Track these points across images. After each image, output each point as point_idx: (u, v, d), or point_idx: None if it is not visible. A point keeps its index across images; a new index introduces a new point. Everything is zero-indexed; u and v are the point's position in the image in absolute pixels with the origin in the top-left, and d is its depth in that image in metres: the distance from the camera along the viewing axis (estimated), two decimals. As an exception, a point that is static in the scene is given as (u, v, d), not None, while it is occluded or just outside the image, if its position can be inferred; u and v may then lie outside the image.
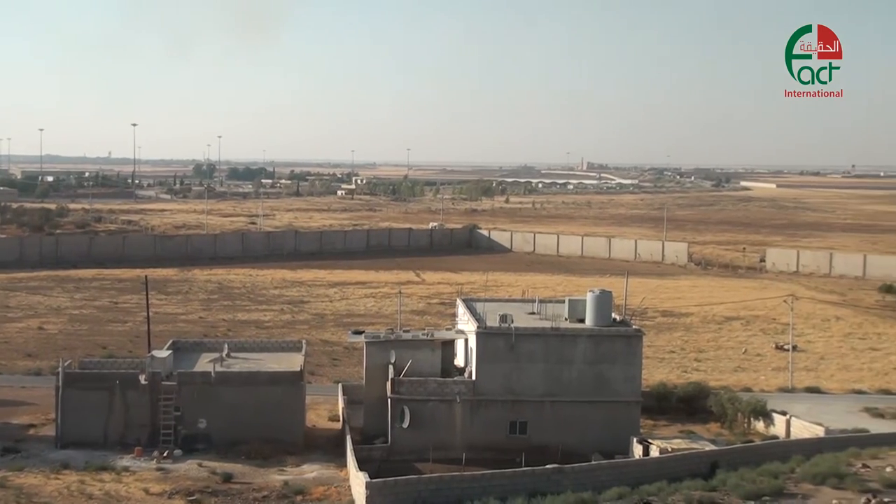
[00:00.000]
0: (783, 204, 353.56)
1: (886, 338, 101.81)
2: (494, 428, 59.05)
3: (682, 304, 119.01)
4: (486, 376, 59.33)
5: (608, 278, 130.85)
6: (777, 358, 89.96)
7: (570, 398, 59.66)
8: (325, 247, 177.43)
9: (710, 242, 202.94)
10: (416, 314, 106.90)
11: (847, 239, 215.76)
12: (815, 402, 72.67)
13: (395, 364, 60.28)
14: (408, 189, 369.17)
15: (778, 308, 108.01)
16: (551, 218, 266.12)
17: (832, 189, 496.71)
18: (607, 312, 62.01)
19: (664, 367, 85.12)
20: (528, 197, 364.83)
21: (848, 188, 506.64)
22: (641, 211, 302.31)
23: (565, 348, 59.86)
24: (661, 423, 66.15)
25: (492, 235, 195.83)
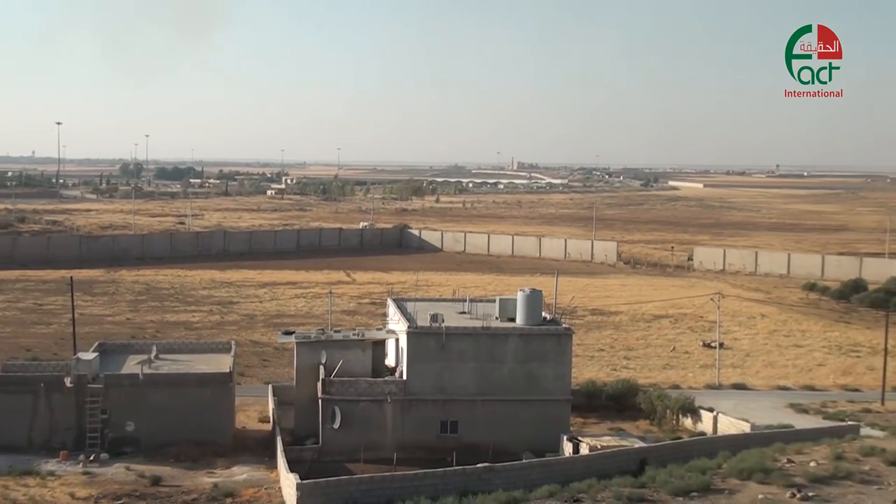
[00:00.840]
0: (710, 203, 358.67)
1: (810, 335, 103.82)
2: (425, 427, 59.06)
3: (611, 302, 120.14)
4: (417, 376, 59.32)
5: (538, 277, 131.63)
6: (704, 355, 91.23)
7: (501, 397, 59.88)
8: (254, 247, 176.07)
9: (638, 241, 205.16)
10: (346, 314, 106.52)
11: (772, 238, 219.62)
12: (741, 399, 73.88)
13: (326, 364, 59.99)
14: (338, 189, 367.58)
15: (705, 306, 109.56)
16: (482, 217, 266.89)
17: (757, 189, 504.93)
18: (537, 311, 62.33)
19: (594, 365, 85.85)
20: (459, 196, 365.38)
21: (772, 188, 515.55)
22: (571, 210, 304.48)
23: (496, 347, 60.07)
24: (590, 420, 66.71)
25: (422, 235, 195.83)
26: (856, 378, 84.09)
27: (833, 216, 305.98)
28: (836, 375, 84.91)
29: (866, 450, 49.49)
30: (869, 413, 70.93)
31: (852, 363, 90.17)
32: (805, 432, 57.04)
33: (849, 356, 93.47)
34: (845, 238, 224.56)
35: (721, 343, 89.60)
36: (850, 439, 53.15)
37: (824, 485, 44.93)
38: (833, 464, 47.53)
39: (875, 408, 72.92)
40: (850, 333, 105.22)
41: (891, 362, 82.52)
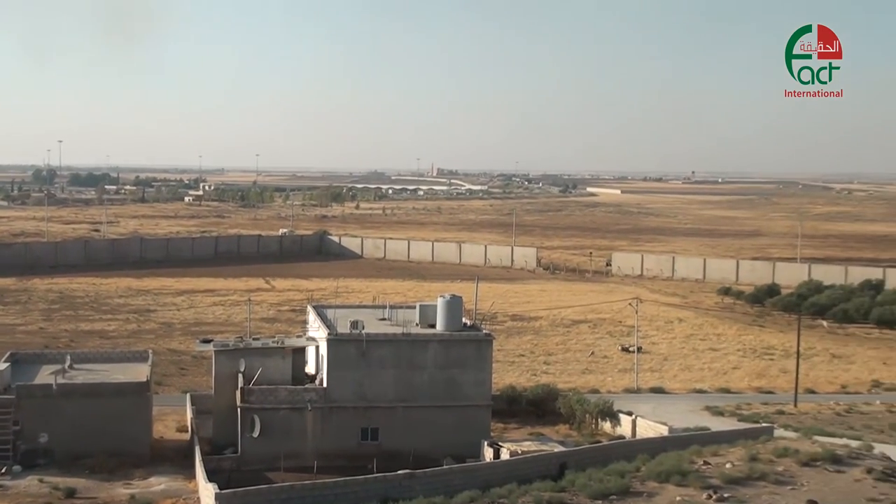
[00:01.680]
0: (628, 209, 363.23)
1: (725, 338, 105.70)
2: (346, 435, 58.82)
3: (531, 308, 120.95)
4: (338, 383, 59.06)
5: (458, 283, 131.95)
6: (623, 359, 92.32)
7: (422, 403, 59.88)
8: (172, 254, 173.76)
9: (558, 247, 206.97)
10: (266, 322, 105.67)
11: (688, 243, 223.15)
12: (659, 402, 74.90)
13: (245, 373, 59.42)
14: (257, 195, 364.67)
15: (624, 311, 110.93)
16: (402, 224, 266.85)
17: (674, 195, 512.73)
18: (458, 317, 62.46)
19: (514, 370, 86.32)
20: (379, 203, 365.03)
21: (688, 194, 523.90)
22: (491, 216, 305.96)
23: (416, 354, 60.07)
24: (511, 425, 67.02)
25: (342, 242, 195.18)
26: (769, 380, 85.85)
27: (747, 221, 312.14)
28: (751, 378, 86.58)
29: (780, 451, 50.49)
30: (782, 415, 72.48)
31: (766, 366, 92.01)
32: (721, 434, 57.99)
33: (763, 359, 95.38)
34: (759, 243, 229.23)
35: (639, 347, 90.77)
36: (765, 441, 54.16)
37: (739, 486, 45.77)
38: (748, 465, 48.43)
39: (788, 409, 74.51)
40: (764, 337, 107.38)
41: (803, 365, 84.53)
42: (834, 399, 79.38)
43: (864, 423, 71.22)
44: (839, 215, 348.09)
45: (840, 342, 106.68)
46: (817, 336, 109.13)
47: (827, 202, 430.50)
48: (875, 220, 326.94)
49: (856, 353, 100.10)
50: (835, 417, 72.99)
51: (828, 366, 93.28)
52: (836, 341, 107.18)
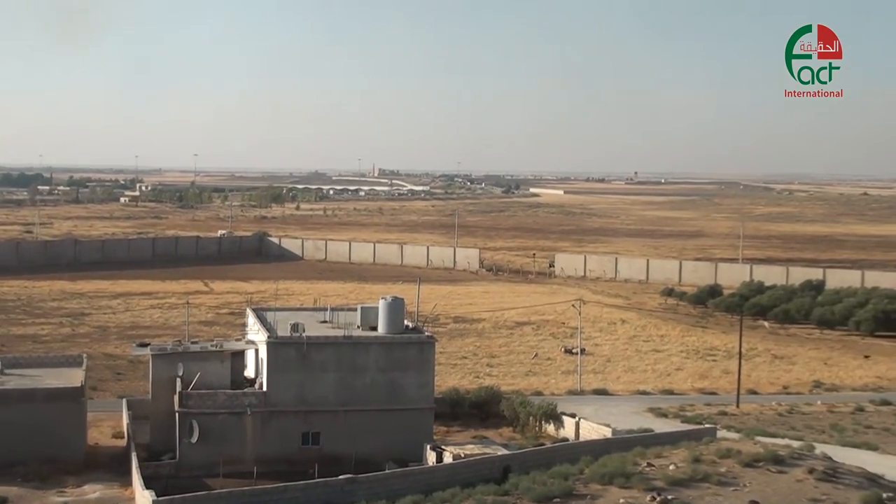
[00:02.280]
0: (571, 210, 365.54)
1: (668, 339, 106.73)
2: (286, 440, 58.43)
3: (473, 309, 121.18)
4: (278, 387, 58.68)
5: (400, 285, 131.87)
6: (566, 361, 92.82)
7: (364, 407, 59.69)
8: (107, 256, 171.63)
9: (500, 248, 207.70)
10: (204, 325, 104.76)
11: (631, 244, 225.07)
12: (602, 404, 75.37)
13: (183, 377, 58.84)
14: (195, 196, 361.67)
15: (567, 312, 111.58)
16: (343, 225, 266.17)
17: (617, 195, 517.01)
18: (399, 319, 62.35)
19: (457, 372, 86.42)
20: (320, 204, 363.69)
21: (631, 195, 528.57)
22: (433, 217, 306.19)
23: (358, 356, 59.87)
24: (454, 429, 67.06)
25: (282, 243, 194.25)
26: (712, 382, 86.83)
27: (689, 222, 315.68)
28: (694, 379, 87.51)
29: (723, 452, 51.01)
30: (725, 416, 73.33)
31: (709, 367, 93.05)
32: (664, 436, 58.46)
33: (705, 360, 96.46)
34: (701, 244, 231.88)
35: (582, 349, 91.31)
36: (708, 442, 54.68)
37: (683, 487, 46.16)
38: (691, 466, 48.86)
39: (731, 410, 75.39)
40: (707, 338, 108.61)
41: (745, 366, 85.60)
42: (776, 400, 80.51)
43: (806, 423, 72.32)
44: (780, 216, 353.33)
45: (781, 343, 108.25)
46: (759, 337, 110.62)
47: (768, 203, 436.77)
48: (815, 221, 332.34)
49: (797, 353, 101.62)
50: (776, 418, 74.01)
51: (769, 366, 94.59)
52: (778, 342, 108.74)
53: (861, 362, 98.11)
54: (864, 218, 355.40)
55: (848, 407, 78.06)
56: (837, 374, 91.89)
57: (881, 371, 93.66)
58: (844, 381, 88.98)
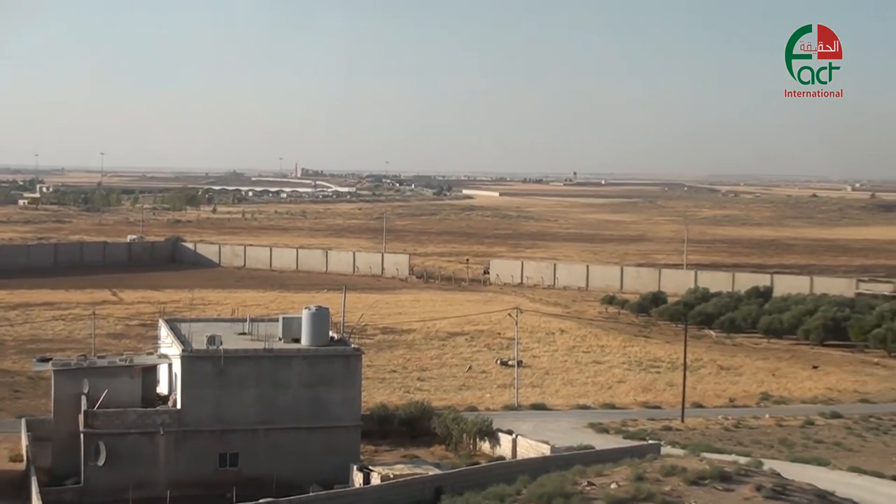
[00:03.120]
0: (506, 213, 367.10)
1: (609, 350, 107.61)
2: (202, 461, 57.88)
3: (403, 319, 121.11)
4: (193, 404, 58.09)
5: (325, 294, 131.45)
6: (502, 374, 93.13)
7: (286, 425, 59.35)
8: (4, 263, 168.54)
9: (432, 254, 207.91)
10: (112, 338, 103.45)
11: (570, 249, 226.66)
12: (540, 420, 75.74)
13: (89, 395, 58.00)
14: (102, 198, 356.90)
15: (503, 322, 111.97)
16: (263, 229, 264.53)
17: (555, 197, 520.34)
18: (324, 331, 62.13)
19: (385, 387, 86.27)
20: (238, 206, 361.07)
21: (570, 196, 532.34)
22: (360, 221, 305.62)
23: (279, 371, 59.53)
24: (382, 448, 66.93)
25: (198, 249, 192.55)
26: (656, 395, 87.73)
27: (631, 226, 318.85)
28: (637, 392, 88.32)
29: (667, 469, 51.43)
30: (669, 431, 74.15)
31: (652, 379, 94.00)
32: (605, 453, 58.85)
33: (648, 372, 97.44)
34: (644, 248, 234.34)
35: (519, 361, 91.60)
36: (651, 459, 55.11)
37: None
38: (634, 485, 49.20)
39: (675, 425, 76.23)
40: (650, 348, 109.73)
41: (690, 377, 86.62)
42: (722, 413, 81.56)
43: (753, 438, 73.40)
44: (726, 219, 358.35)
45: (728, 353, 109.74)
46: (704, 347, 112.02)
47: (713, 205, 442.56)
48: (762, 224, 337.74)
49: (744, 364, 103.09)
50: (723, 433, 75.02)
51: (715, 378, 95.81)
52: (724, 352, 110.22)
53: (810, 373, 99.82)
54: (813, 221, 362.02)
55: (797, 420, 79.41)
56: (786, 385, 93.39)
57: (831, 382, 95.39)
58: (793, 393, 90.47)
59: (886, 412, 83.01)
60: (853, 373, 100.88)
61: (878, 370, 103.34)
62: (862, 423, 78.85)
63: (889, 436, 75.85)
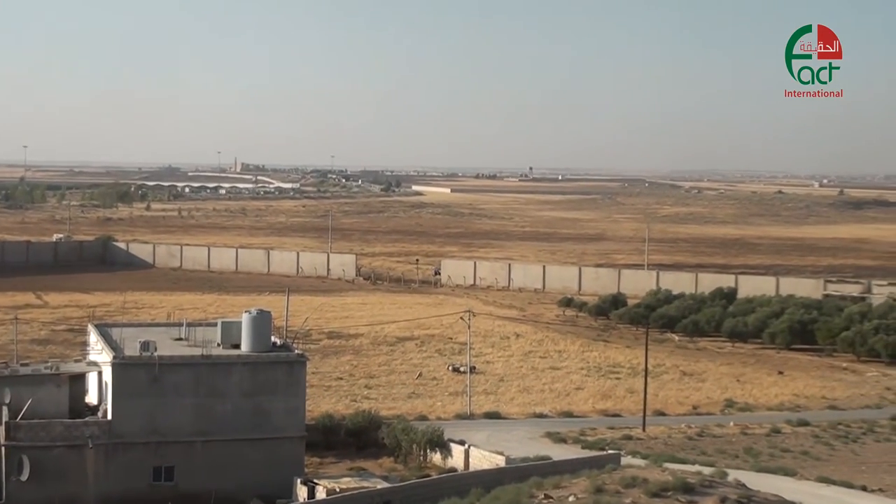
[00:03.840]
0: (458, 210, 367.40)
1: (567, 356, 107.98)
2: (135, 475, 57.46)
3: (350, 323, 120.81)
4: (125, 415, 57.65)
5: (267, 296, 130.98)
6: (454, 381, 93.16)
7: (225, 436, 59.08)
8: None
9: (380, 254, 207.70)
10: (37, 344, 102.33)
11: (525, 248, 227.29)
12: (495, 429, 75.83)
13: (11, 405, 57.41)
14: (25, 194, 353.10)
15: (455, 326, 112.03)
16: (201, 228, 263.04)
17: (510, 194, 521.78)
18: (266, 336, 61.93)
19: (331, 396, 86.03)
20: (174, 203, 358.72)
21: (526, 193, 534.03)
22: (304, 219, 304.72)
23: (218, 379, 59.25)
24: (328, 460, 66.79)
25: (130, 249, 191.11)
26: (616, 402, 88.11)
27: (590, 224, 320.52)
28: (596, 400, 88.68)
29: (627, 481, 51.66)
30: (630, 440, 74.55)
31: (612, 386, 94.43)
32: (563, 464, 59.05)
33: (608, 378, 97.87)
34: (603, 248, 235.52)
35: (472, 367, 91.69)
36: (611, 470, 55.32)
37: (584, 521, 46.63)
38: (593, 497, 49.38)
39: (636, 434, 76.65)
40: (610, 353, 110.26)
41: (651, 384, 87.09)
42: (685, 421, 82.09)
43: (718, 447, 73.95)
44: (688, 217, 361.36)
45: (691, 358, 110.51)
46: (667, 351, 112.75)
47: (675, 202, 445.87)
48: (726, 223, 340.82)
49: (707, 369, 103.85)
50: (686, 442, 75.53)
51: (678, 384, 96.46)
52: (687, 357, 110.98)
53: (776, 379, 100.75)
54: (779, 219, 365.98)
55: (763, 428, 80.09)
56: (751, 391, 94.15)
57: (798, 388, 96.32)
58: (759, 399, 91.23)
59: (855, 419, 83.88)
60: (821, 378, 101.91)
61: (847, 375, 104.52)
62: (830, 431, 79.66)
63: (858, 444, 76.74)
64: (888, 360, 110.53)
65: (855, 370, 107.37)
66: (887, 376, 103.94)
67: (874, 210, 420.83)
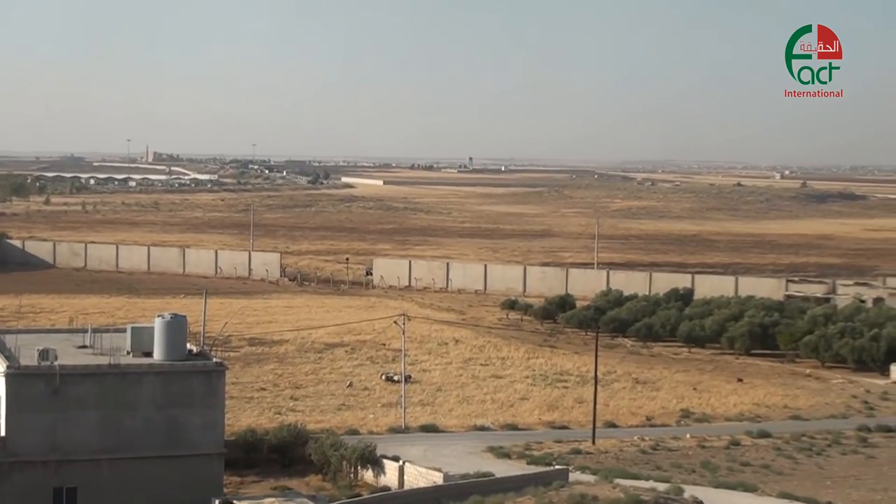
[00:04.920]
0: (392, 204, 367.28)
1: (511, 363, 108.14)
2: (33, 497, 56.69)
3: (274, 328, 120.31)
4: (21, 431, 56.89)
5: (182, 299, 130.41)
6: (388, 391, 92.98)
7: (135, 453, 58.40)
8: None
9: (307, 252, 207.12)
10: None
11: (465, 246, 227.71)
12: (432, 443, 75.72)
13: None
14: None
15: (388, 331, 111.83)
16: (108, 224, 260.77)
17: (448, 186, 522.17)
18: (181, 343, 61.37)
19: (253, 408, 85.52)
20: (77, 197, 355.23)
21: (466, 185, 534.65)
22: (223, 214, 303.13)
23: (127, 390, 58.54)
24: (249, 479, 66.28)
25: (27, 247, 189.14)
26: (563, 413, 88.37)
27: (535, 219, 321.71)
28: (542, 411, 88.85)
29: (576, 498, 51.95)
30: (579, 454, 74.75)
31: (559, 395, 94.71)
32: (507, 481, 59.14)
33: (555, 387, 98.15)
34: (550, 245, 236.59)
35: (407, 376, 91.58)
36: (558, 487, 55.55)
37: (529, 543, 46.76)
38: (539, 517, 49.57)
39: (585, 448, 76.86)
40: (557, 360, 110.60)
41: (602, 393, 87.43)
42: (638, 433, 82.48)
43: (673, 461, 74.37)
44: (641, 211, 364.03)
45: (644, 364, 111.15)
46: (618, 358, 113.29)
47: (627, 195, 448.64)
48: (682, 218, 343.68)
49: (662, 377, 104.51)
50: (639, 455, 75.86)
51: (630, 393, 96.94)
52: (640, 363, 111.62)
53: (735, 387, 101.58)
54: (738, 213, 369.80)
55: (721, 441, 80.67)
56: (709, 401, 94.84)
57: (758, 397, 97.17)
58: (716, 409, 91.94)
59: (820, 430, 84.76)
60: (783, 386, 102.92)
61: (811, 383, 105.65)
62: (793, 443, 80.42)
63: (823, 457, 77.54)
64: (854, 366, 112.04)
65: (819, 377, 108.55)
66: (853, 383, 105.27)
67: (839, 203, 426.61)
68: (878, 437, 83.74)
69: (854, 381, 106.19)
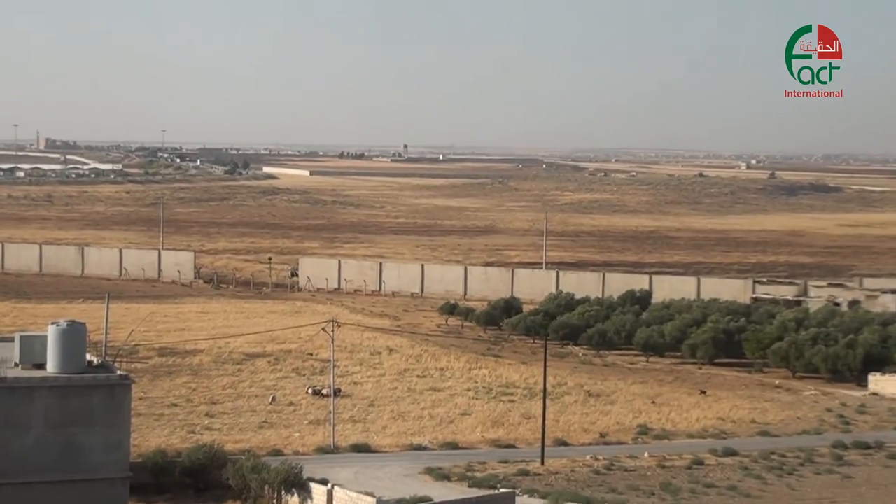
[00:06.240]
0: (319, 197, 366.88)
1: (451, 374, 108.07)
2: None
3: (187, 337, 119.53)
4: None
5: (81, 304, 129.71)
6: (315, 407, 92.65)
7: (26, 478, 57.90)
8: None
9: (224, 251, 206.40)
10: None
11: (400, 244, 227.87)
12: (364, 465, 75.54)
13: None
14: None
15: (315, 339, 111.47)
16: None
17: (381, 177, 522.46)
18: (79, 353, 60.87)
19: (163, 427, 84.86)
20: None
21: (400, 176, 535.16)
22: (128, 208, 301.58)
23: (16, 407, 57.97)
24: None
25: None
26: (509, 430, 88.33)
27: (478, 214, 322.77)
28: (485, 427, 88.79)
29: (524, 525, 51.96)
30: (526, 476, 74.69)
31: (505, 410, 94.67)
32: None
33: (500, 401, 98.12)
34: (494, 242, 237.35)
35: (337, 390, 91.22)
36: (504, 512, 55.60)
37: (472, 577, 46.66)
38: (482, 547, 49.51)
39: (534, 468, 76.85)
40: (502, 370, 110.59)
41: (551, 407, 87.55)
42: (591, 452, 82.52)
43: (630, 482, 74.52)
44: (593, 205, 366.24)
45: (598, 375, 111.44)
46: (569, 368, 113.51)
47: (578, 187, 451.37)
48: (638, 212, 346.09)
49: (617, 389, 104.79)
50: (592, 477, 75.91)
51: (583, 408, 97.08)
52: (593, 374, 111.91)
53: (698, 399, 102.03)
54: (700, 207, 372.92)
55: (683, 459, 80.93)
56: (668, 415, 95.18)
57: (723, 410, 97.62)
58: (678, 424, 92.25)
59: (791, 447, 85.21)
60: (750, 398, 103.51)
61: (780, 395, 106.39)
62: (762, 462, 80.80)
63: (795, 477, 77.91)
64: (828, 377, 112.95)
65: (790, 388, 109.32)
66: (827, 395, 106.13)
67: (810, 196, 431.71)
68: (854, 454, 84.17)
69: (828, 393, 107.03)
